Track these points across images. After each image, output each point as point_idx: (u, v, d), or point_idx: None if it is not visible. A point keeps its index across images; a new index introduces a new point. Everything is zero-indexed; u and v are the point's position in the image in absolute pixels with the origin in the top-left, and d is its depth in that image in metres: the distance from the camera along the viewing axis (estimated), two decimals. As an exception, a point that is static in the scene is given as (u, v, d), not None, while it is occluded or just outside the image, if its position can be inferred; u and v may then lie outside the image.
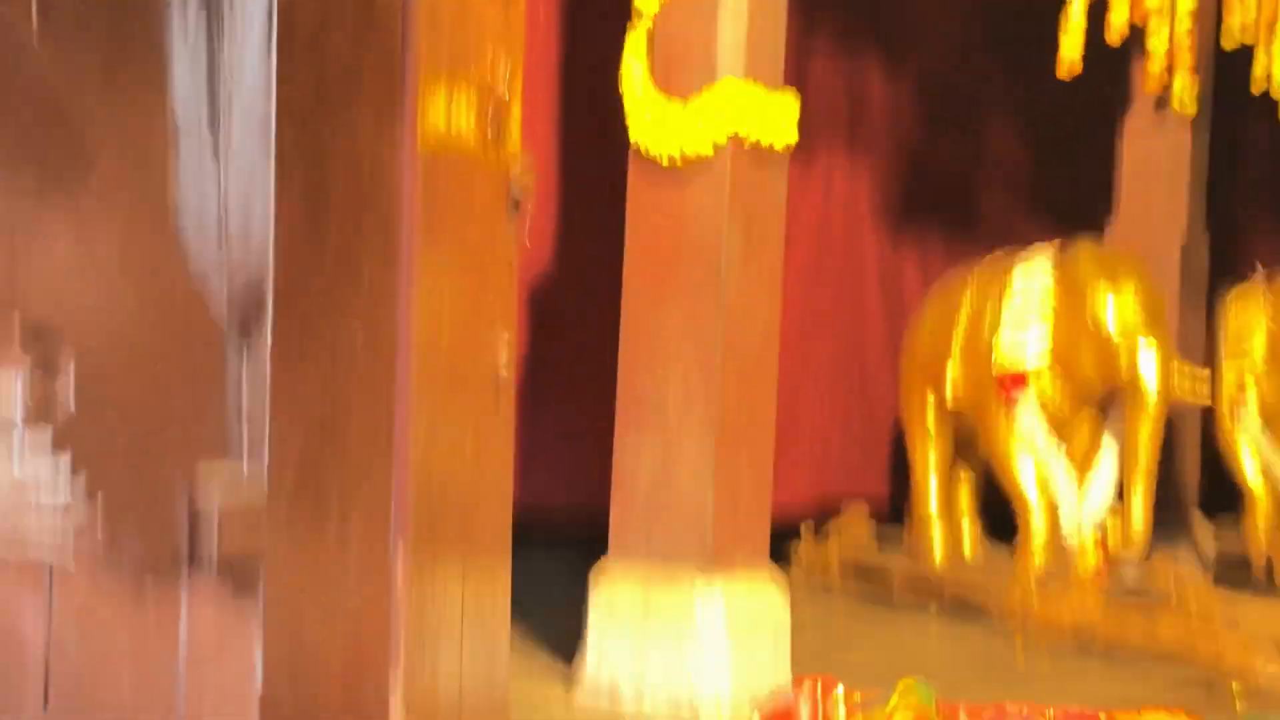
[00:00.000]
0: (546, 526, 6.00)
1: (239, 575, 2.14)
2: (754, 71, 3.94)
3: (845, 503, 6.13)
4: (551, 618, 4.48)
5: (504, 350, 2.98)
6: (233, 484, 2.13)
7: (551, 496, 5.23)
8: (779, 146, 3.99)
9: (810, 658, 4.35)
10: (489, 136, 2.83)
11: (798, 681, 3.83)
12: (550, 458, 5.18)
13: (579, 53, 5.09)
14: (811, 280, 5.95)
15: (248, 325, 2.22)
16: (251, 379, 2.19)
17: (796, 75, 4.29)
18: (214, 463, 2.14)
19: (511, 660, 3.23)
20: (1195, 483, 6.20)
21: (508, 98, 2.86)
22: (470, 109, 2.79)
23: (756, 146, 3.93)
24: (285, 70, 2.22)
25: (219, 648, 2.19)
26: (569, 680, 4.04)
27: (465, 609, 2.91)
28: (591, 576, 4.06)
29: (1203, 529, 6.11)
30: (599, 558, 4.10)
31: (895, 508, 6.13)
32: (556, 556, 5.73)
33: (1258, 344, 6.54)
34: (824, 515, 6.10)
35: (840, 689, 3.43)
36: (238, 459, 2.16)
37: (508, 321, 3.09)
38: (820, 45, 5.98)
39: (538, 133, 4.99)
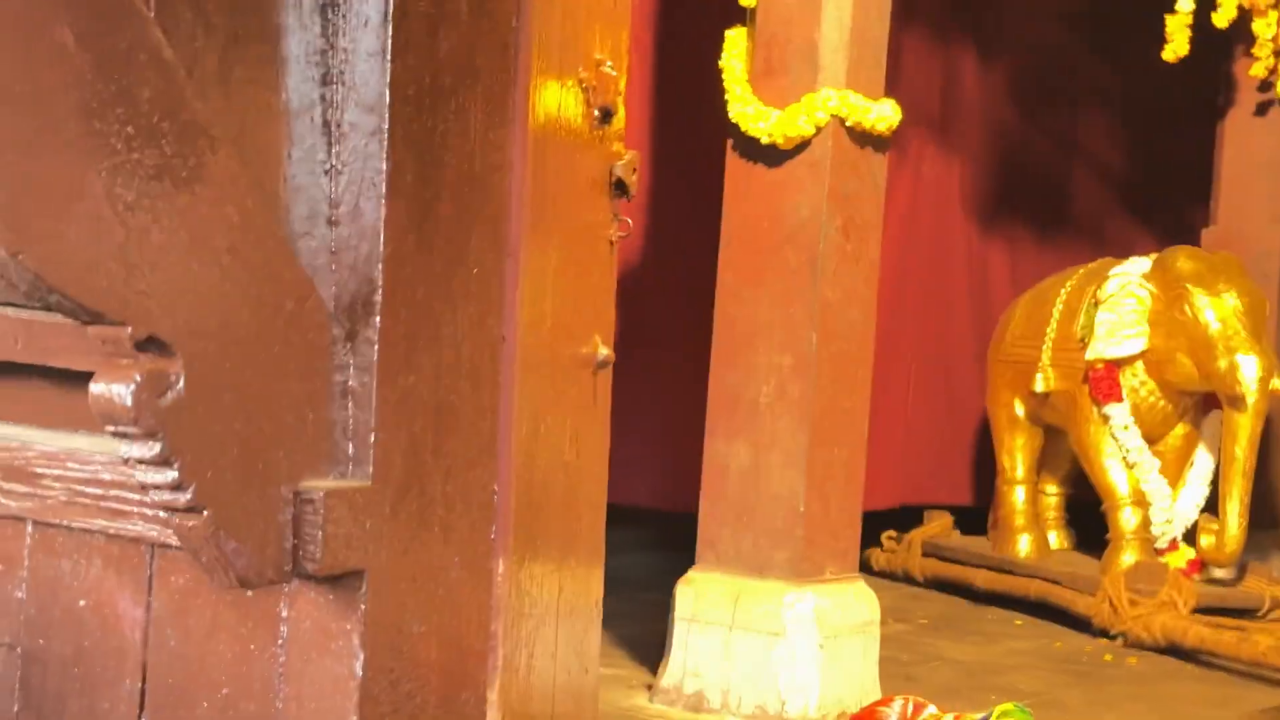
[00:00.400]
0: (633, 526, 5.96)
1: (341, 582, 2.09)
2: (855, 77, 3.85)
3: (928, 511, 6.02)
4: (636, 622, 4.42)
5: (604, 340, 2.91)
6: (338, 491, 2.07)
7: (638, 495, 5.15)
8: (881, 129, 3.89)
9: (896, 670, 4.29)
10: (595, 120, 2.77)
11: (887, 700, 3.74)
12: (638, 455, 5.09)
13: (677, 38, 5.00)
14: (899, 273, 5.83)
15: (356, 322, 2.16)
16: (358, 380, 2.13)
17: (891, 64, 4.20)
18: (320, 469, 2.09)
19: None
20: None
21: (614, 80, 2.79)
22: (578, 93, 2.72)
23: (858, 128, 3.84)
24: (400, 56, 2.16)
25: (320, 651, 2.14)
26: (652, 689, 3.96)
27: (560, 611, 2.84)
28: (679, 582, 3.98)
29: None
30: (685, 561, 4.01)
31: (979, 516, 6.01)
32: (644, 559, 5.70)
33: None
34: (905, 520, 6.00)
35: (931, 709, 3.31)
36: (344, 464, 2.11)
37: (608, 309, 3.02)
38: (914, 33, 5.85)
39: (633, 118, 4.91)
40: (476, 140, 2.38)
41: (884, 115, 3.89)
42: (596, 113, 2.85)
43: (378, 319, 2.16)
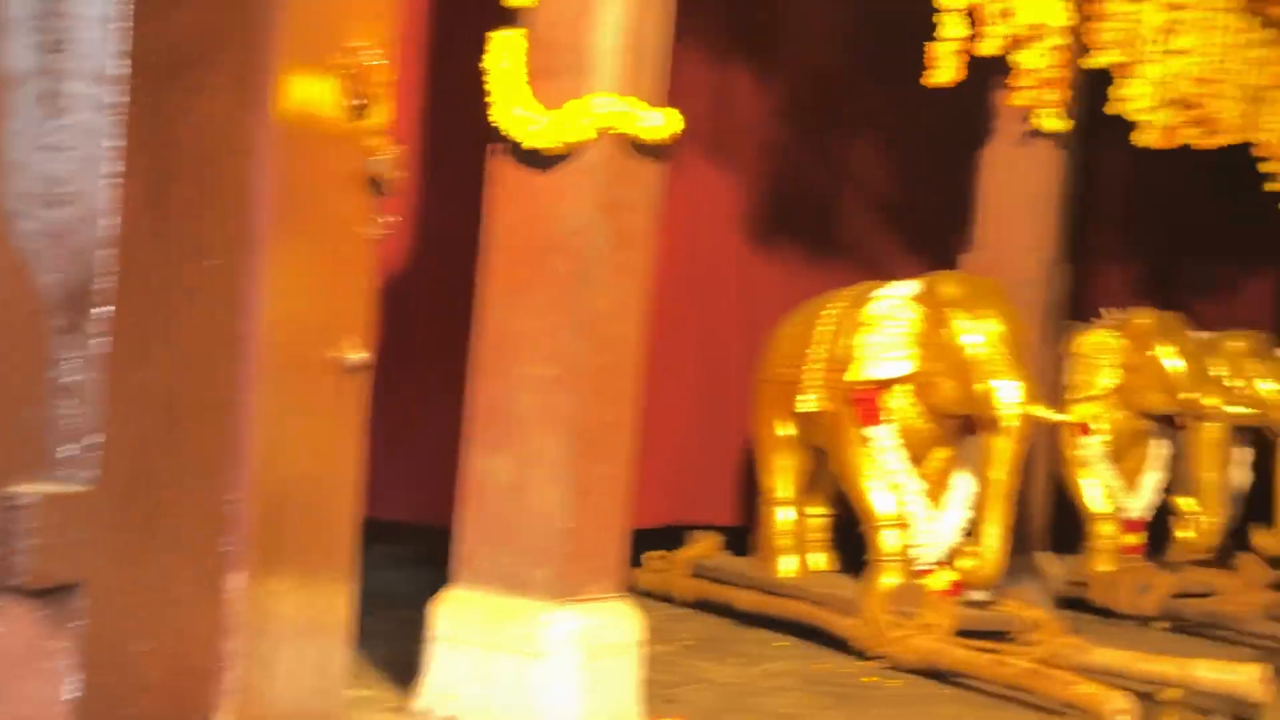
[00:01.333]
0: (389, 542, 5.78)
1: (55, 596, 1.91)
2: (632, 84, 3.77)
3: (695, 531, 5.97)
4: (394, 642, 4.25)
5: (360, 343, 2.76)
6: (53, 497, 1.89)
7: (394, 510, 4.97)
8: (657, 138, 3.81)
9: (658, 691, 4.21)
10: (353, 111, 2.63)
11: (651, 720, 3.68)
12: (401, 467, 4.92)
13: (455, 36, 4.85)
14: (672, 288, 5.77)
15: (78, 312, 1.98)
16: (80, 375, 1.96)
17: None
18: (33, 472, 1.91)
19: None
20: (1044, 521, 6.16)
21: (375, 70, 2.65)
22: (335, 81, 2.58)
23: (633, 136, 3.75)
24: (133, 24, 1.99)
25: (29, 671, 1.95)
26: (405, 712, 3.80)
27: (303, 630, 2.68)
28: (435, 600, 3.83)
29: (1051, 566, 6.08)
30: (443, 578, 3.87)
31: (744, 538, 5.98)
32: (399, 575, 5.53)
33: (1106, 382, 6.65)
34: (670, 540, 5.94)
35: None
36: (61, 467, 1.93)
37: (365, 311, 2.87)
38: (690, 48, 5.81)
39: (406, 116, 4.75)
40: (219, 122, 2.22)
41: (660, 125, 3.81)
42: (355, 103, 2.71)
43: (103, 309, 1.99)
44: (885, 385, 5.25)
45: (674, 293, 5.86)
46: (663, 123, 3.81)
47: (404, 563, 5.74)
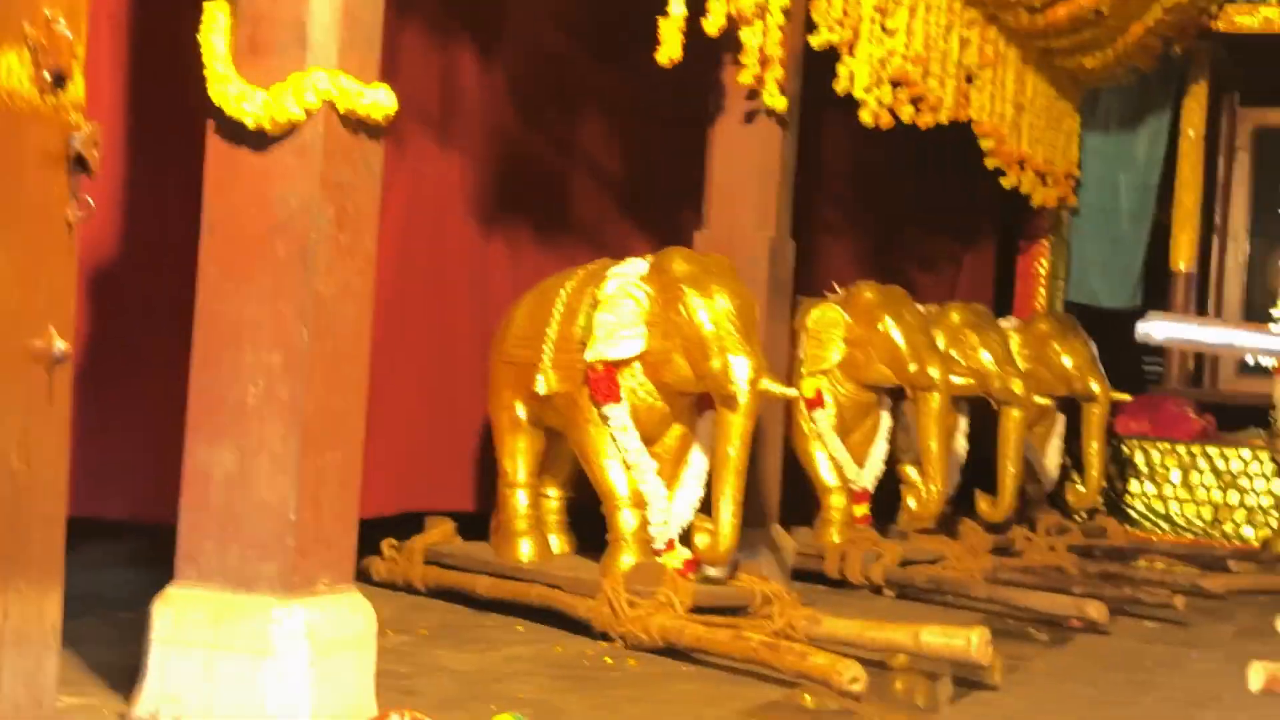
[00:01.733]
0: (109, 540, 5.53)
1: None
2: (347, 60, 3.65)
3: (430, 517, 5.87)
4: (114, 646, 4.06)
5: (61, 333, 2.60)
6: None
7: (112, 508, 4.75)
8: (376, 117, 3.70)
9: (395, 683, 4.11)
10: (46, 85, 2.46)
11: (383, 716, 3.57)
12: (114, 462, 4.70)
13: (159, 9, 4.64)
14: (398, 270, 5.66)
15: None
16: None
17: (388, 58, 4.02)
18: None
19: (59, 694, 2.86)
20: (777, 495, 6.25)
21: (68, 41, 2.49)
22: (24, 52, 2.41)
23: (351, 113, 3.63)
24: None
25: None
26: (125, 717, 3.62)
27: (5, 639, 2.52)
28: (156, 600, 3.65)
29: (785, 540, 6.17)
30: (168, 576, 3.70)
31: (484, 522, 5.91)
32: (120, 575, 5.31)
33: (834, 356, 6.80)
34: (405, 527, 5.83)
35: (428, 722, 3.16)
36: None
37: (66, 298, 2.70)
38: (412, 28, 5.71)
39: (106, 93, 4.53)
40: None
41: (379, 101, 3.70)
42: (47, 76, 2.55)
43: None
44: (620, 364, 5.23)
45: (403, 275, 5.75)
46: (381, 99, 3.70)
47: (125, 561, 5.52)
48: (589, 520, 5.56)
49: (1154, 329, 1.28)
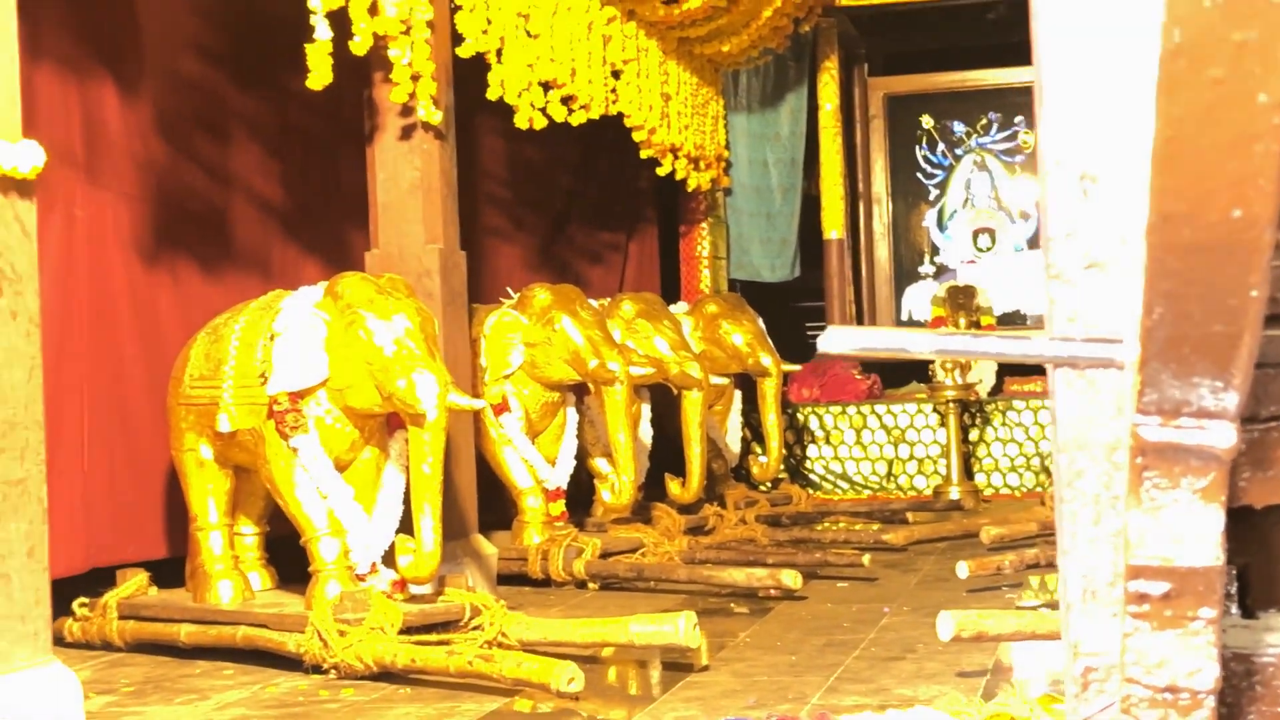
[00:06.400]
0: None
1: None
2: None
3: (121, 570, 5.70)
4: None
5: None
6: None
7: None
8: (24, 174, 3.58)
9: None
10: None
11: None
12: None
13: None
14: (61, 325, 5.47)
15: None
16: None
17: (26, 104, 3.88)
18: None
19: None
20: (474, 505, 6.29)
21: None
22: None
23: (-1, 176, 3.52)
24: None
25: None
26: None
27: None
28: None
29: (486, 547, 6.21)
30: None
31: (176, 570, 5.76)
32: None
33: (515, 361, 6.88)
34: (97, 585, 5.65)
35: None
36: None
37: None
38: (47, 70, 5.51)
39: None
40: None
41: (26, 158, 3.59)
42: None
43: None
44: (303, 394, 5.19)
45: (67, 325, 5.56)
46: (29, 155, 3.59)
47: None
48: (290, 553, 5.49)
49: (833, 342, 1.38)
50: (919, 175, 12.29)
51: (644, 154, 8.73)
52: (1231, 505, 1.20)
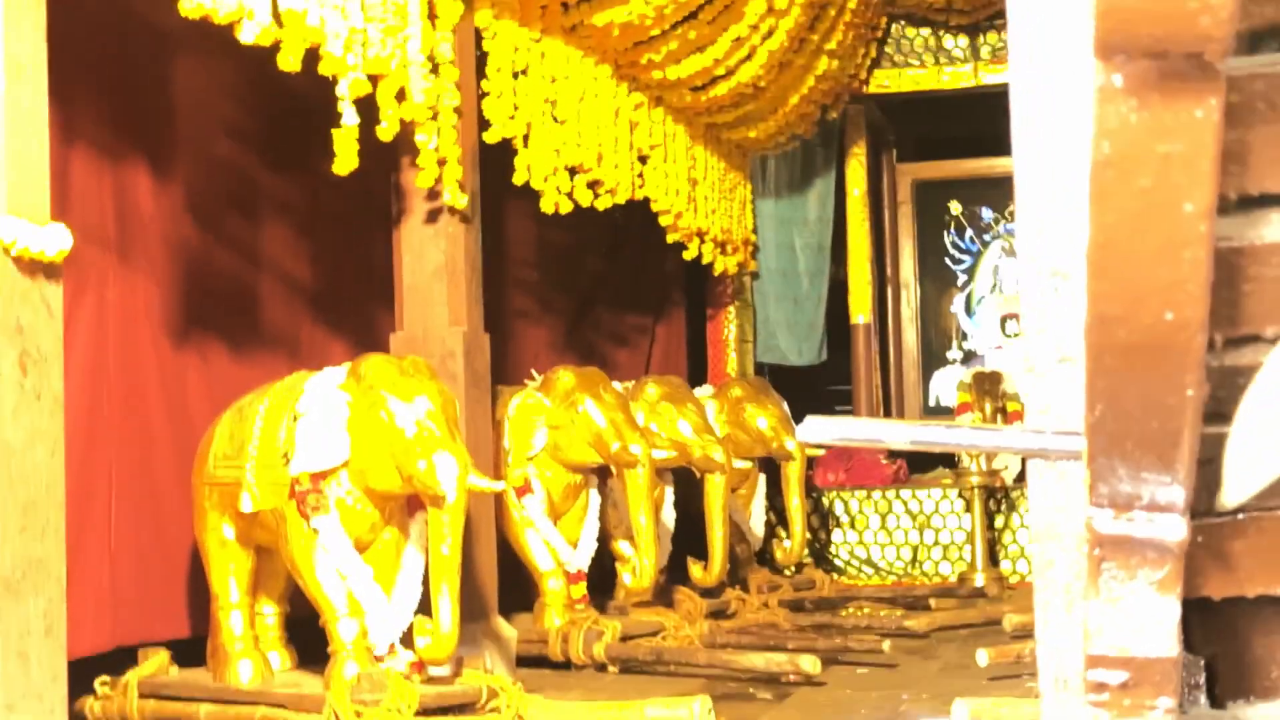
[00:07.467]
0: None
1: None
2: (17, 202, 3.60)
3: (143, 649, 5.73)
4: None
5: None
6: None
7: None
8: (51, 256, 3.66)
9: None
10: None
11: None
12: None
13: None
14: (90, 405, 5.54)
15: None
16: None
17: (57, 187, 3.97)
18: None
19: None
20: (494, 587, 6.31)
21: None
22: None
23: (25, 255, 3.59)
24: None
25: None
26: None
27: None
28: None
29: (505, 629, 6.22)
30: None
31: (199, 649, 5.78)
32: None
33: (538, 443, 6.91)
34: (119, 664, 5.67)
35: None
36: None
37: None
38: (80, 154, 5.62)
39: None
40: None
41: (53, 241, 3.66)
42: None
43: None
44: (325, 475, 5.23)
45: (95, 406, 5.63)
46: (56, 238, 3.67)
47: None
48: (310, 633, 5.51)
49: (811, 432, 1.42)
50: (947, 260, 12.33)
51: (671, 238, 8.80)
52: (1190, 596, 1.23)
